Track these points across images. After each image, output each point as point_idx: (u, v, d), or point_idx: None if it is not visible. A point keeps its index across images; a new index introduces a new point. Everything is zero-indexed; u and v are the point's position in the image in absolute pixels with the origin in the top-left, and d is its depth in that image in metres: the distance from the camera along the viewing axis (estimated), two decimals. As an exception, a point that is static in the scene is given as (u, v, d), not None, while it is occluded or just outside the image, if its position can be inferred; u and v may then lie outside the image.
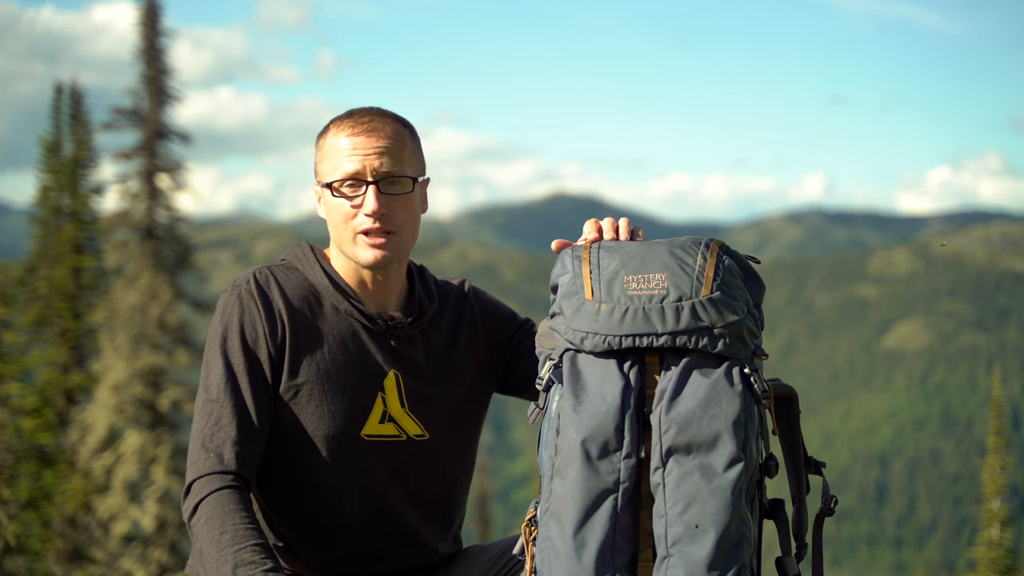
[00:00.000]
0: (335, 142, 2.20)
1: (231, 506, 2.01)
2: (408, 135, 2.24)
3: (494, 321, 2.39)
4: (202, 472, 2.06)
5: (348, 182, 2.17)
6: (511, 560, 2.28)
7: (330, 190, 2.19)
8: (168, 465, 16.54)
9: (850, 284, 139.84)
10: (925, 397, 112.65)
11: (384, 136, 2.19)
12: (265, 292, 2.18)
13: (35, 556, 14.44)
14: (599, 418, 1.80)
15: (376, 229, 2.17)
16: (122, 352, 16.82)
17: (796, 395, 2.04)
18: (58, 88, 18.43)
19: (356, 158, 2.17)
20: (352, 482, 2.19)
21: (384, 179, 2.18)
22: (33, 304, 17.31)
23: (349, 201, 2.18)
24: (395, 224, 2.19)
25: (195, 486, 2.05)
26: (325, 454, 2.17)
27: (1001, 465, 16.69)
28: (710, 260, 1.89)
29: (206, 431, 2.09)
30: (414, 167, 2.23)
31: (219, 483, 2.04)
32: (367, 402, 2.20)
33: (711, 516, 1.76)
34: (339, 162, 2.18)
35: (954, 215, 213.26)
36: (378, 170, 2.17)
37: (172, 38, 18.42)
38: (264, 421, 2.12)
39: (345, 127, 2.20)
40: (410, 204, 2.21)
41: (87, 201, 18.06)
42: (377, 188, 2.17)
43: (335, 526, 2.21)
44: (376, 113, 2.23)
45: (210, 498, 2.02)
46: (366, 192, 2.17)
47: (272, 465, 2.19)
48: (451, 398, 2.29)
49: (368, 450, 2.19)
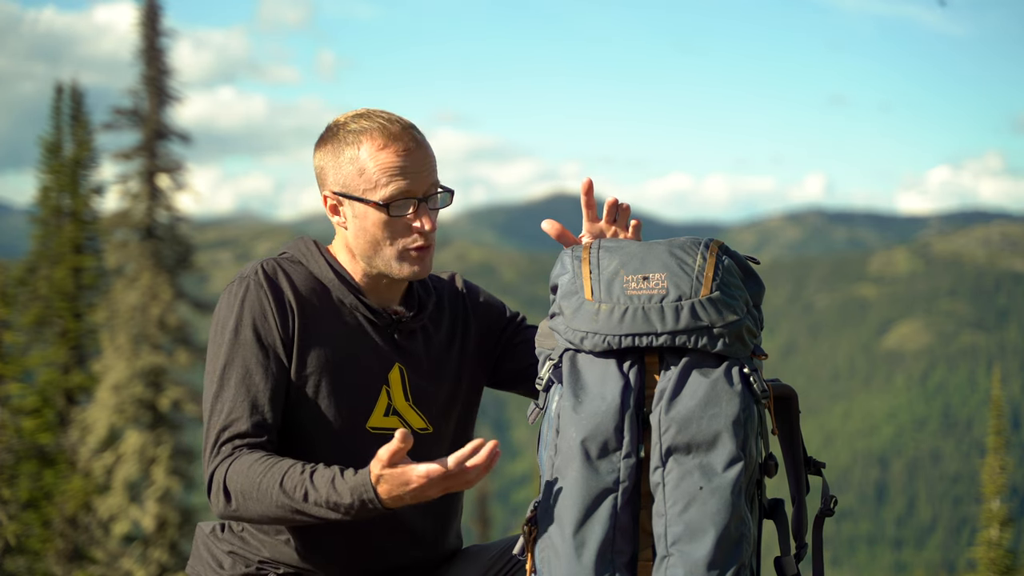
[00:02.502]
0: (380, 158, 2.15)
1: (258, 452, 2.05)
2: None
3: (486, 314, 2.41)
4: (218, 463, 2.06)
5: (401, 200, 2.16)
6: (511, 560, 2.29)
7: (377, 207, 2.16)
8: (168, 465, 16.56)
9: (850, 284, 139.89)
10: (925, 397, 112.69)
11: (428, 153, 2.19)
12: (275, 283, 2.17)
13: (35, 556, 14.44)
14: (599, 418, 1.80)
15: (424, 246, 2.19)
16: (122, 352, 16.84)
17: (796, 395, 2.04)
18: (58, 88, 18.45)
19: (410, 177, 2.15)
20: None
21: (431, 196, 2.19)
22: (33, 304, 17.32)
23: (400, 219, 2.17)
24: (434, 237, 2.22)
25: (215, 475, 2.05)
26: (330, 446, 2.17)
27: (1001, 465, 16.70)
28: (710, 260, 1.90)
29: (219, 425, 2.08)
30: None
31: (240, 452, 2.06)
32: (372, 395, 2.21)
33: (711, 516, 1.76)
34: (389, 179, 2.15)
35: (954, 215, 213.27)
36: (429, 188, 2.18)
37: (173, 39, 18.49)
38: (276, 412, 2.12)
39: (390, 143, 2.16)
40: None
41: (87, 201, 18.08)
42: (427, 205, 2.18)
43: (335, 520, 2.21)
44: (407, 126, 2.20)
45: (235, 459, 2.04)
46: (419, 210, 2.17)
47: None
48: (451, 392, 2.31)
49: (372, 443, 2.19)
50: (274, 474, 1.99)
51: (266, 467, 2.00)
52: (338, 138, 2.20)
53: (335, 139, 2.21)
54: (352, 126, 2.19)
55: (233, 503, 2.03)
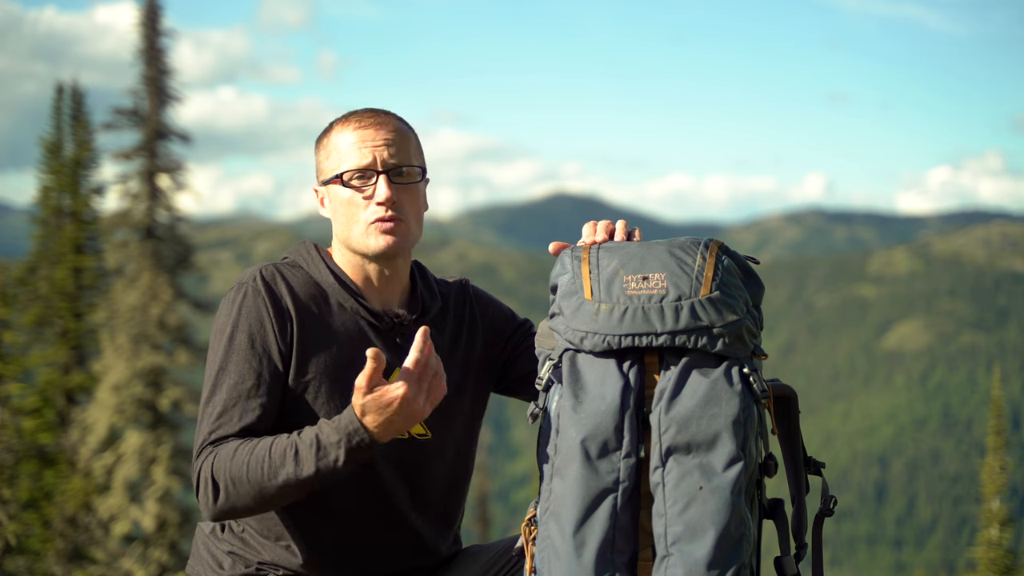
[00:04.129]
0: (340, 138, 2.23)
1: (238, 440, 2.06)
2: (411, 131, 2.28)
3: (493, 320, 2.40)
4: (204, 456, 2.07)
5: (358, 173, 2.19)
6: (511, 560, 2.28)
7: (339, 183, 2.20)
8: (168, 465, 16.55)
9: (850, 284, 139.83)
10: (925, 397, 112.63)
11: (390, 129, 2.22)
12: (273, 289, 2.18)
13: (35, 556, 14.43)
14: (599, 418, 1.80)
15: (387, 217, 2.18)
16: (122, 352, 16.83)
17: (795, 395, 2.04)
18: (59, 88, 18.44)
19: (365, 149, 2.19)
20: (354, 481, 2.18)
21: (393, 169, 2.20)
22: (33, 304, 17.31)
23: (360, 192, 2.19)
24: (404, 213, 2.21)
25: (202, 470, 2.05)
26: None
27: (1001, 465, 16.68)
28: (709, 260, 1.90)
29: (211, 427, 2.08)
30: (419, 160, 2.27)
31: (221, 444, 2.07)
32: None
33: (711, 515, 1.76)
34: (347, 155, 2.20)
35: (954, 215, 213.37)
36: (387, 160, 2.20)
37: (173, 39, 18.46)
38: (268, 418, 2.12)
39: (350, 123, 2.23)
40: (417, 195, 2.24)
41: (88, 201, 18.06)
42: (387, 177, 2.19)
43: (336, 524, 2.21)
44: (378, 110, 2.27)
45: (217, 451, 2.05)
46: (377, 181, 2.19)
47: None
48: (454, 397, 2.29)
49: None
50: (260, 448, 2.00)
51: (251, 446, 2.01)
52: (322, 134, 2.28)
53: (320, 136, 2.29)
54: (333, 120, 2.28)
55: (222, 493, 2.02)
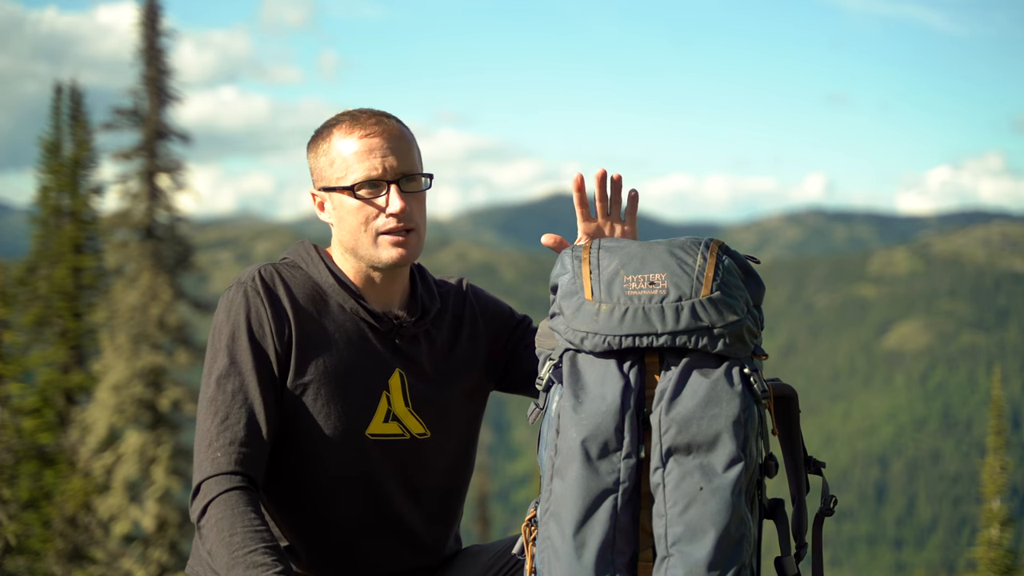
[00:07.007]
0: (345, 145, 2.18)
1: (241, 507, 2.00)
2: (411, 133, 2.26)
3: (493, 319, 2.40)
4: (210, 473, 2.04)
5: (368, 185, 2.16)
6: (511, 560, 2.28)
7: (348, 193, 2.17)
8: (168, 465, 16.54)
9: (850, 284, 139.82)
10: (925, 397, 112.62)
11: (396, 136, 2.19)
12: (271, 290, 2.16)
13: (35, 556, 14.42)
14: (599, 418, 1.80)
15: (399, 228, 2.17)
16: (122, 352, 16.82)
17: (796, 395, 2.04)
18: (58, 88, 18.42)
19: (375, 159, 2.16)
20: (355, 481, 2.18)
21: (402, 178, 2.18)
22: (33, 304, 17.29)
23: (369, 203, 2.17)
24: (415, 222, 2.20)
25: (204, 487, 2.03)
26: (329, 453, 2.16)
27: (1001, 465, 16.67)
28: (710, 260, 1.89)
29: (212, 431, 2.07)
30: (422, 164, 2.25)
31: (228, 484, 2.02)
32: (372, 401, 2.19)
33: (711, 516, 1.76)
34: (355, 165, 2.17)
35: (954, 215, 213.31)
36: (397, 169, 2.18)
37: (174, 39, 18.46)
38: (272, 420, 2.11)
39: (354, 129, 2.19)
40: (424, 201, 2.23)
41: (87, 201, 18.03)
42: (398, 187, 2.17)
43: (337, 525, 2.20)
44: (378, 114, 2.23)
45: (219, 499, 2.01)
46: (388, 192, 2.17)
47: (275, 464, 2.18)
48: (453, 397, 2.29)
49: (372, 449, 2.19)
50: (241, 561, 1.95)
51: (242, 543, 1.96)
52: (318, 136, 2.24)
53: (316, 138, 2.25)
54: (329, 121, 2.24)
55: (202, 532, 2.02)
